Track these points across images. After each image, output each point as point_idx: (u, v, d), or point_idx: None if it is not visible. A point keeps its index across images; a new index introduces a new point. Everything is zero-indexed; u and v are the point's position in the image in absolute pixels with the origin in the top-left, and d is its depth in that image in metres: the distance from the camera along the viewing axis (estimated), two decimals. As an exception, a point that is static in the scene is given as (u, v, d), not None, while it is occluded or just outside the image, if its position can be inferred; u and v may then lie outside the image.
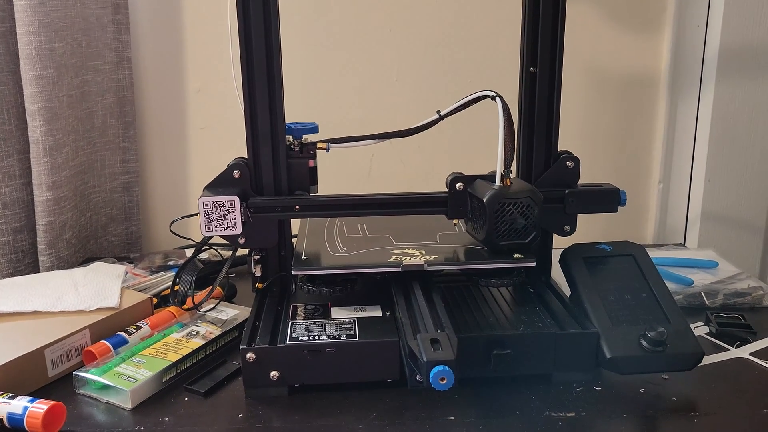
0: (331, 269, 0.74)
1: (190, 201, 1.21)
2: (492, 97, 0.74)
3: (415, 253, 0.75)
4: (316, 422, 0.64)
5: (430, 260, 0.73)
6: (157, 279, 0.95)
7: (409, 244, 0.79)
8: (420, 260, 0.73)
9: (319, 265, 0.74)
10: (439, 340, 0.60)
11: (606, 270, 0.77)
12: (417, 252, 0.76)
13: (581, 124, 1.20)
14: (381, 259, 0.74)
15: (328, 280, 0.76)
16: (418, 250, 0.76)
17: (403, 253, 0.75)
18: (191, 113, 1.19)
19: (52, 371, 0.72)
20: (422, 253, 0.75)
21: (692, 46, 1.15)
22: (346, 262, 0.74)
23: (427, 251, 0.76)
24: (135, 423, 0.64)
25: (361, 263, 0.74)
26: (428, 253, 0.75)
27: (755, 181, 1.14)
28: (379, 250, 0.77)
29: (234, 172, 0.77)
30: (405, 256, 0.74)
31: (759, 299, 0.89)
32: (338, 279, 0.76)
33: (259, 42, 0.74)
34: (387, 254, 0.75)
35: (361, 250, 0.77)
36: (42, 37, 0.97)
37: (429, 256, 0.74)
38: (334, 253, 0.77)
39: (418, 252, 0.76)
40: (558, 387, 0.69)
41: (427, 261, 0.73)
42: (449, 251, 0.77)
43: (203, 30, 1.15)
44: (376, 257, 0.75)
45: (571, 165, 0.79)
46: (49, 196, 1.02)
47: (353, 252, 0.77)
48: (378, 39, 1.16)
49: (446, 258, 0.75)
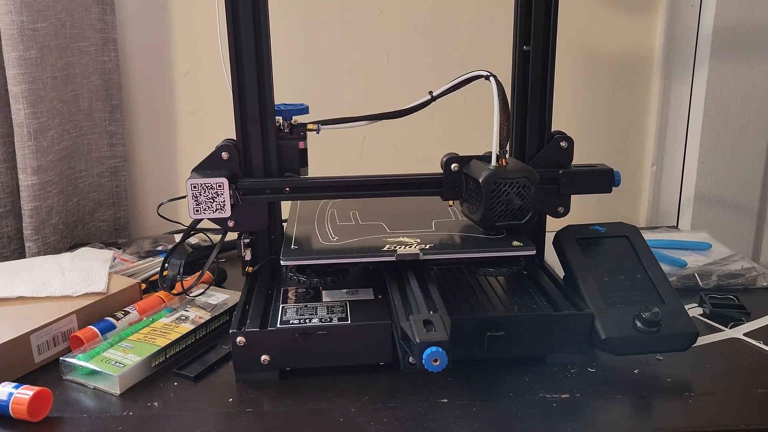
0: (321, 258, 0.71)
1: (179, 185, 1.20)
2: (486, 76, 0.72)
3: (410, 242, 0.72)
4: (308, 406, 0.63)
5: (426, 249, 0.70)
6: (146, 264, 0.94)
7: (403, 231, 0.76)
8: (415, 249, 0.70)
9: (310, 255, 0.71)
10: (432, 321, 0.59)
11: (600, 251, 0.76)
12: (412, 240, 0.73)
13: (574, 105, 1.19)
14: (375, 247, 0.71)
15: (319, 270, 0.73)
16: (413, 238, 0.74)
17: (397, 241, 0.72)
18: (179, 96, 1.17)
19: (38, 357, 0.70)
20: (417, 241, 0.73)
21: (686, 26, 1.14)
22: (337, 251, 0.71)
23: (423, 239, 0.73)
24: (123, 408, 0.63)
25: (354, 252, 0.71)
26: (423, 241, 0.73)
27: (748, 163, 1.14)
28: (373, 239, 0.74)
29: (222, 154, 0.75)
30: (399, 245, 0.71)
31: (752, 280, 0.89)
32: (329, 269, 0.73)
33: (248, 23, 0.73)
34: (380, 243, 0.72)
35: (354, 239, 0.74)
36: (24, 17, 0.95)
37: (424, 245, 0.71)
38: (325, 241, 0.74)
39: (412, 240, 0.73)
40: (552, 369, 0.69)
41: (422, 250, 0.70)
42: (445, 239, 0.74)
43: (191, 11, 1.13)
44: (369, 246, 0.72)
45: (565, 145, 0.79)
46: (34, 180, 1.00)
47: (345, 241, 0.74)
48: (368, 20, 1.14)
49: (442, 246, 0.72)
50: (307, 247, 0.72)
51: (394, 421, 0.61)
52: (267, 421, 0.61)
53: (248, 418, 0.62)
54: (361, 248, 0.71)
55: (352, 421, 0.61)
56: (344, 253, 0.71)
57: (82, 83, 1.09)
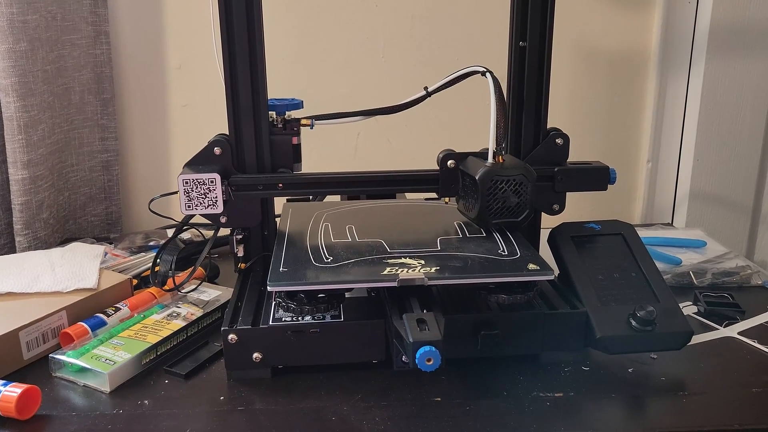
0: (314, 284, 0.63)
1: (171, 180, 1.18)
2: (482, 72, 0.72)
3: (413, 264, 0.65)
4: (300, 404, 0.63)
5: (431, 273, 0.63)
6: (138, 259, 0.93)
7: (405, 251, 0.69)
8: (419, 273, 0.63)
9: (301, 280, 0.63)
10: (425, 320, 0.59)
11: (595, 249, 0.76)
12: (415, 262, 0.66)
13: (569, 102, 1.18)
14: (373, 271, 0.64)
15: (311, 296, 0.65)
16: (416, 259, 0.67)
17: (398, 263, 0.65)
18: (172, 90, 1.16)
19: (27, 354, 0.70)
20: (421, 263, 0.65)
21: (682, 23, 1.13)
22: (333, 275, 0.64)
23: (427, 261, 0.66)
24: (113, 406, 0.63)
25: (350, 277, 0.64)
26: (428, 263, 0.66)
27: (743, 161, 1.14)
28: (371, 260, 0.67)
29: (215, 149, 0.75)
30: (401, 268, 0.64)
31: (747, 278, 0.89)
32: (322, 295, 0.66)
33: (241, 16, 0.72)
34: (380, 265, 0.65)
35: (350, 260, 0.67)
36: (14, 8, 0.93)
37: (429, 268, 0.64)
38: (318, 263, 0.67)
39: (416, 262, 0.66)
40: (546, 367, 0.68)
41: (427, 274, 0.63)
42: (452, 261, 0.67)
43: (184, 4, 1.12)
44: (368, 269, 0.65)
45: (561, 142, 0.78)
46: (24, 174, 0.99)
47: (340, 262, 0.66)
48: (364, 14, 1.13)
49: (450, 270, 0.65)
50: (298, 270, 0.65)
51: (387, 419, 0.60)
52: (259, 420, 0.61)
53: (240, 417, 0.61)
54: (359, 271, 0.65)
55: (345, 420, 0.60)
56: (340, 276, 0.64)
57: (74, 76, 1.08)
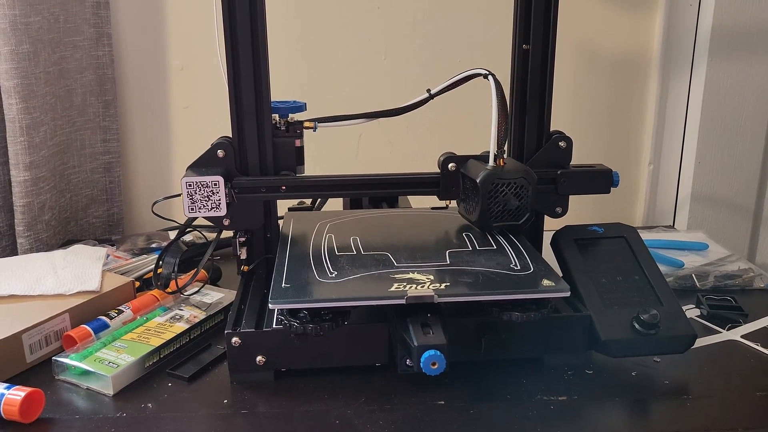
0: (318, 302, 0.61)
1: (173, 182, 1.19)
2: (484, 75, 0.72)
3: (422, 279, 0.63)
4: (303, 407, 0.63)
5: (441, 289, 0.61)
6: (140, 262, 0.93)
7: (413, 265, 0.66)
8: (428, 289, 0.61)
9: (304, 297, 0.61)
10: (429, 324, 0.58)
11: (598, 252, 0.76)
12: (423, 277, 0.63)
13: (571, 104, 1.18)
14: (380, 287, 0.62)
15: (315, 314, 0.62)
16: (425, 274, 0.64)
17: (406, 278, 0.63)
18: (174, 92, 1.16)
19: (30, 357, 0.70)
20: (430, 278, 0.63)
21: (684, 25, 1.13)
22: (337, 292, 0.62)
23: (436, 276, 0.64)
24: (117, 409, 0.63)
25: (356, 293, 0.61)
26: (437, 278, 0.63)
27: (745, 163, 1.14)
28: (377, 275, 0.64)
29: (218, 152, 0.75)
30: (409, 284, 0.62)
31: (749, 281, 0.89)
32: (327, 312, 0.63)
33: (244, 18, 0.72)
34: (387, 280, 0.63)
35: (356, 275, 0.64)
36: (17, 10, 0.93)
37: (439, 284, 0.62)
38: (322, 278, 0.64)
39: (424, 277, 0.63)
40: (549, 371, 0.68)
41: (437, 290, 0.61)
42: (463, 275, 0.64)
43: (186, 5, 1.12)
44: (375, 285, 0.62)
45: (564, 145, 0.78)
46: (26, 176, 0.99)
47: (346, 277, 0.64)
48: (366, 16, 1.13)
49: (460, 285, 0.62)
50: (301, 286, 0.63)
51: (390, 423, 0.60)
52: (262, 423, 0.61)
53: (243, 420, 0.61)
54: (365, 288, 0.62)
55: (348, 423, 0.60)
56: (345, 293, 0.62)
57: (76, 78, 1.08)
